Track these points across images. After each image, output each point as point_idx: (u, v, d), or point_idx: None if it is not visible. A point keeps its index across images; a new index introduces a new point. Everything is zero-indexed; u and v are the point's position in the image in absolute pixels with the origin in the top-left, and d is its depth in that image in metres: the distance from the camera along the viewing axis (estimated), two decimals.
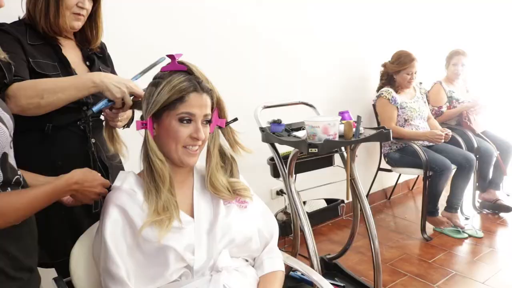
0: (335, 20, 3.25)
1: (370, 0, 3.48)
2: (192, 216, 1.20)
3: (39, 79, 1.29)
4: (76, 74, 1.45)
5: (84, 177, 1.15)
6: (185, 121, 1.15)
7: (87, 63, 1.54)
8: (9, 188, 0.96)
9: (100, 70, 1.54)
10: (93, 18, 1.55)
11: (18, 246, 0.98)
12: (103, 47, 1.67)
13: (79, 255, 1.23)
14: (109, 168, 1.53)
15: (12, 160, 0.99)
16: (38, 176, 1.19)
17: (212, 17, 2.56)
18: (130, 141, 1.33)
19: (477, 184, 3.50)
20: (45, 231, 1.29)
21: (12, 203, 0.92)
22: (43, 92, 1.25)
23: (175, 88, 1.13)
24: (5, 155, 0.95)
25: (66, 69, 1.43)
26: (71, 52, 1.51)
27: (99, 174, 1.22)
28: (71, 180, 1.11)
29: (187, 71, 1.18)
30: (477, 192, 3.53)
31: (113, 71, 1.67)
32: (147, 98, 1.17)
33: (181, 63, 1.19)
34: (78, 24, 1.48)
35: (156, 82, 1.17)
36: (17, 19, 1.47)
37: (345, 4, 3.31)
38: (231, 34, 2.66)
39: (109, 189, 1.21)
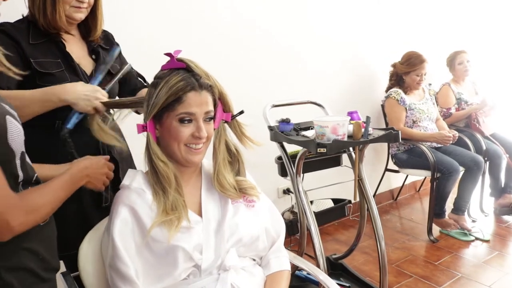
0: (345, 20, 3.25)
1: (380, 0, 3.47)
2: (200, 215, 1.20)
3: (6, 92, 1.28)
4: (80, 68, 1.47)
5: (90, 161, 1.17)
6: (185, 121, 1.14)
7: (93, 56, 1.55)
8: (29, 187, 0.97)
9: (105, 63, 1.55)
10: (93, 9, 1.53)
11: (45, 247, 0.99)
12: (110, 38, 1.67)
13: (88, 251, 1.24)
14: (119, 162, 1.54)
15: (28, 159, 1.00)
16: (53, 166, 1.20)
17: (220, 16, 2.57)
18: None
19: (490, 190, 3.49)
20: (57, 224, 1.31)
21: (39, 198, 0.93)
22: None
23: (172, 89, 1.11)
24: (23, 154, 0.96)
25: (70, 65, 1.44)
26: (76, 47, 1.52)
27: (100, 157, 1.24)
28: (80, 166, 1.13)
29: (186, 68, 1.17)
30: (492, 199, 3.51)
31: (123, 62, 1.68)
32: (147, 100, 1.16)
33: (180, 60, 1.17)
34: (80, 16, 1.47)
35: (155, 82, 1.16)
36: (20, 17, 1.47)
37: (355, 4, 3.30)
38: (239, 33, 2.66)
39: (117, 184, 1.21)
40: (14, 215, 0.84)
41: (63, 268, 1.40)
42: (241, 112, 1.30)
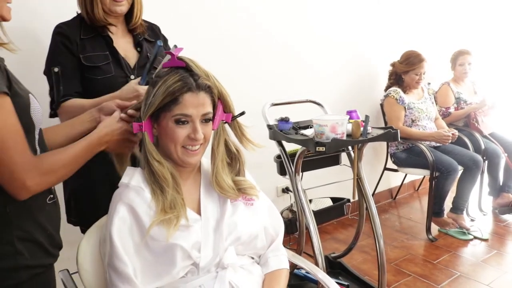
0: (344, 19, 3.25)
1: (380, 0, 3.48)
2: (199, 213, 1.20)
3: (83, 101, 1.48)
4: (125, 61, 1.57)
5: (110, 129, 1.18)
6: (181, 122, 1.13)
7: (138, 49, 1.64)
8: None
9: (147, 57, 1.62)
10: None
11: (52, 224, 1.08)
12: (155, 31, 1.75)
13: (87, 249, 1.24)
14: None
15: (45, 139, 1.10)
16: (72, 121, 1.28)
17: (221, 16, 2.57)
18: None
19: (488, 189, 3.50)
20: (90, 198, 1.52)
21: (57, 161, 1.02)
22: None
23: (169, 89, 1.11)
24: (41, 131, 1.06)
25: (116, 58, 1.56)
26: (122, 40, 1.62)
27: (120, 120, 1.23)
28: (101, 133, 1.16)
29: (186, 67, 1.16)
30: (491, 198, 3.52)
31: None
32: (145, 99, 1.16)
33: (180, 59, 1.16)
34: (121, 9, 1.56)
35: (154, 81, 1.16)
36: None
37: (355, 4, 3.30)
38: (239, 33, 2.67)
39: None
40: (30, 176, 0.93)
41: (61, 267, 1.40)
42: (242, 113, 1.28)
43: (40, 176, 0.96)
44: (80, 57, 1.51)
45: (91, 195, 1.59)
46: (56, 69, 1.49)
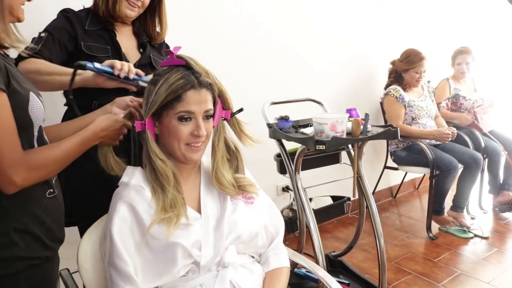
0: (344, 19, 3.25)
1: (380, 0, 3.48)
2: (199, 212, 1.20)
3: (43, 62, 1.43)
4: (126, 58, 1.58)
5: (109, 123, 1.21)
6: (184, 120, 1.14)
7: (141, 50, 1.66)
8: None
9: (150, 58, 1.65)
10: (157, 14, 1.68)
11: (52, 218, 1.09)
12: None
13: (87, 248, 1.24)
14: None
15: (46, 136, 1.11)
16: (74, 122, 1.30)
17: (221, 15, 2.57)
18: None
19: (489, 187, 3.50)
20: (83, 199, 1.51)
21: (46, 156, 1.02)
22: (41, 70, 1.39)
23: (172, 87, 1.11)
24: (41, 128, 1.07)
25: (117, 52, 1.57)
26: (126, 39, 1.64)
27: (121, 116, 1.26)
28: (98, 129, 1.17)
29: (186, 65, 1.17)
30: (491, 196, 3.52)
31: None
32: (147, 98, 1.16)
33: (180, 57, 1.17)
34: (131, 14, 1.58)
35: (155, 80, 1.16)
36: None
37: (355, 4, 3.30)
38: (240, 33, 2.67)
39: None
40: (16, 171, 0.93)
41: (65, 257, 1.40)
42: (241, 110, 1.29)
43: (28, 171, 0.96)
44: (81, 44, 1.52)
45: (84, 194, 1.57)
46: (42, 34, 1.49)
